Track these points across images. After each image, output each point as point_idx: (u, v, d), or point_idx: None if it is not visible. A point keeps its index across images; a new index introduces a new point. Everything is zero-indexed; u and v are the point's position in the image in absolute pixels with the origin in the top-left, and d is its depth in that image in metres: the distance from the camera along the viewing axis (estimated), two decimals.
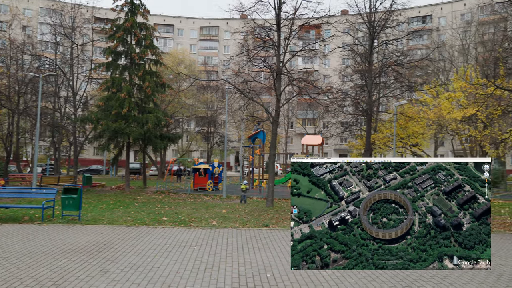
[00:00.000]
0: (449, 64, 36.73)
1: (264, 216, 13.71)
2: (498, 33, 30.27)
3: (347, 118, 26.80)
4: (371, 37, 18.22)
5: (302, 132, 52.93)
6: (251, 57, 16.82)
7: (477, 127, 23.83)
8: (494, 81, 18.42)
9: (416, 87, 24.86)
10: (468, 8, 51.35)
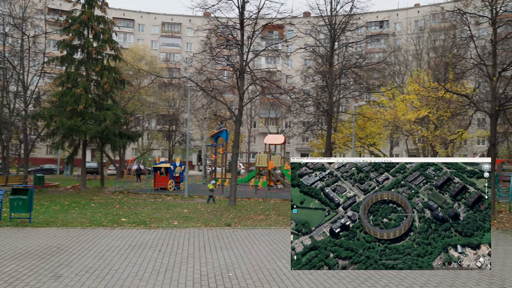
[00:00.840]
0: (404, 68, 38.57)
1: (226, 216, 13.66)
2: (448, 40, 32.20)
3: (309, 118, 27.34)
4: (332, 39, 18.69)
5: (265, 132, 53.34)
6: (214, 55, 16.68)
7: (428, 128, 25.19)
8: (444, 85, 19.55)
9: (374, 89, 25.87)
10: (422, 15, 54.23)
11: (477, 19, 18.07)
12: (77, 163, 35.76)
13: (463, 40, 19.00)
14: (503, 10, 16.08)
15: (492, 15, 15.48)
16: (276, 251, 8.44)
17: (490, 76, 15.21)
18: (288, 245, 8.96)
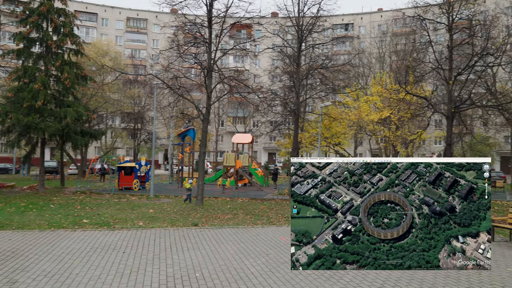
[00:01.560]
0: (367, 70, 39.86)
1: (193, 215, 13.52)
2: (409, 44, 33.63)
3: (276, 118, 27.62)
4: (299, 40, 18.97)
5: (232, 131, 53.25)
6: (181, 52, 16.42)
7: (390, 129, 26.21)
8: (405, 87, 20.42)
9: (339, 89, 26.54)
10: (384, 19, 56.25)
11: (435, 25, 19.03)
12: (35, 162, 34.01)
13: (422, 45, 19.94)
14: (459, 18, 17.04)
15: (449, 22, 16.35)
16: (244, 250, 8.46)
17: (446, 80, 16.06)
18: (256, 243, 9.02)
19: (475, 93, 20.73)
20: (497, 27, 24.57)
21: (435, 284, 6.29)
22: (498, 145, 46.67)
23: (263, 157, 61.33)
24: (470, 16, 17.62)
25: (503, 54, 21.03)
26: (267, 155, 62.47)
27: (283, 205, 16.90)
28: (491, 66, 19.05)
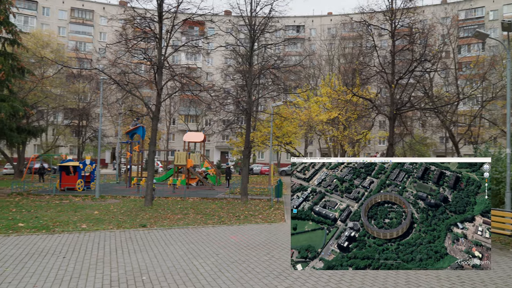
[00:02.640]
0: (318, 71, 41.13)
1: (141, 216, 13.08)
2: (356, 48, 35.20)
3: (229, 116, 27.55)
4: (252, 40, 19.07)
5: (184, 129, 52.33)
6: (129, 47, 15.79)
7: (338, 129, 27.26)
8: (352, 89, 21.33)
9: (291, 90, 27.10)
10: (334, 23, 58.36)
11: (380, 31, 20.09)
12: None
13: (368, 49, 20.97)
14: (400, 25, 18.13)
15: (392, 28, 17.33)
16: (194, 250, 8.34)
17: (389, 83, 17.00)
18: (207, 244, 8.93)
19: (414, 96, 22.20)
20: (433, 36, 26.51)
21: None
22: (434, 145, 50.38)
23: (216, 156, 60.96)
24: (410, 24, 18.83)
25: (439, 61, 22.73)
26: (220, 154, 62.17)
27: (235, 204, 16.91)
28: (428, 72, 20.49)
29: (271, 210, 15.20)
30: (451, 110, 27.15)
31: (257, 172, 46.39)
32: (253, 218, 13.11)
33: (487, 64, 29.99)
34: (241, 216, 13.59)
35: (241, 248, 8.60)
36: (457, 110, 30.35)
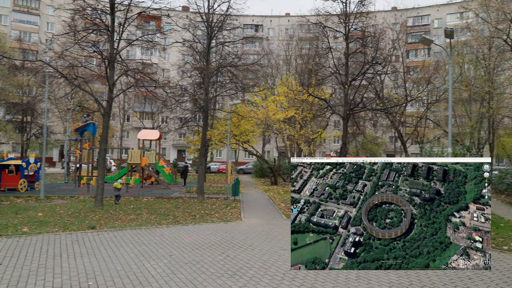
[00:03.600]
0: (275, 71, 41.58)
1: (91, 217, 12.43)
2: (312, 49, 36.00)
3: (185, 114, 27.03)
4: (209, 37, 18.82)
5: (139, 126, 50.64)
6: (79, 39, 14.92)
7: (295, 127, 27.73)
8: (308, 89, 21.77)
9: (248, 88, 27.15)
10: (291, 24, 59.32)
11: (335, 34, 20.67)
12: None
13: (324, 51, 21.49)
14: (354, 28, 18.77)
15: (346, 31, 17.88)
16: (146, 252, 8.05)
17: (343, 84, 17.54)
18: (160, 245, 8.65)
19: (366, 98, 23.11)
20: (384, 40, 27.76)
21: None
22: (384, 144, 52.87)
23: (172, 154, 59.71)
24: (363, 28, 19.55)
25: (389, 64, 23.84)
26: (176, 152, 60.98)
27: (191, 203, 16.62)
28: (379, 74, 21.41)
29: (228, 209, 15.12)
30: (400, 111, 28.61)
31: (215, 171, 46.05)
32: (209, 217, 12.96)
33: (432, 68, 31.96)
34: (197, 215, 13.38)
35: (196, 248, 8.44)
36: (405, 111, 32.05)
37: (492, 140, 30.58)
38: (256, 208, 15.86)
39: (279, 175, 32.21)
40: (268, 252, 8.18)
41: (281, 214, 14.13)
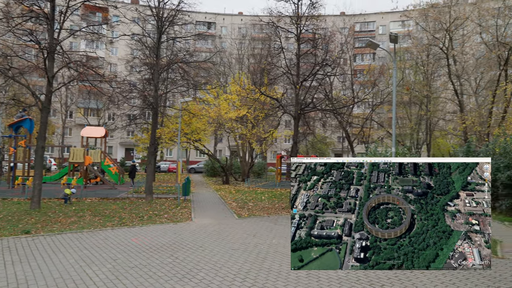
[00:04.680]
0: (228, 69, 41.36)
1: (26, 221, 11.42)
2: (264, 49, 36.28)
3: (134, 111, 25.97)
4: (159, 31, 18.15)
5: (84, 123, 47.88)
6: (13, 27, 13.63)
7: (247, 127, 27.75)
8: (260, 88, 21.86)
9: (200, 86, 26.68)
10: (244, 23, 59.40)
11: (287, 34, 20.94)
12: None
13: (276, 51, 21.69)
14: (305, 30, 19.13)
15: (297, 32, 18.18)
16: (87, 257, 7.52)
17: (294, 84, 17.81)
18: (104, 248, 8.12)
19: (316, 98, 23.71)
20: (334, 43, 28.69)
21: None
22: (333, 144, 54.83)
23: (120, 153, 57.21)
24: (314, 30, 20.00)
25: (338, 66, 24.66)
26: (124, 151, 58.52)
27: (139, 204, 15.94)
28: (329, 76, 22.06)
29: (178, 209, 14.70)
30: (348, 112, 29.75)
31: (165, 170, 44.84)
32: (158, 218, 12.49)
33: (377, 72, 33.63)
34: (144, 216, 12.83)
35: (143, 251, 8.05)
36: (352, 112, 33.44)
37: (429, 141, 32.88)
38: (207, 207, 15.60)
39: (231, 174, 32.08)
40: (219, 253, 8.02)
41: (233, 214, 14.01)
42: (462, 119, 24.54)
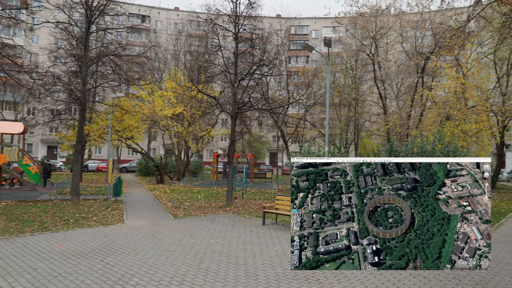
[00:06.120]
0: (163, 65, 40.06)
1: None
2: (202, 46, 35.80)
3: (58, 106, 23.89)
4: (88, 21, 16.91)
5: None
6: None
7: (183, 124, 27.13)
8: (197, 86, 21.50)
9: (133, 81, 25.46)
10: (180, 18, 58.03)
11: (225, 32, 20.84)
12: None
13: (214, 48, 21.51)
14: (243, 29, 19.22)
15: (236, 31, 18.19)
16: (1, 267, 6.71)
17: (232, 83, 17.80)
18: (21, 257, 7.34)
19: (253, 97, 24.00)
20: (270, 44, 29.29)
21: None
22: (268, 143, 56.02)
23: (41, 151, 52.43)
24: (252, 30, 20.18)
25: (274, 67, 25.21)
26: (46, 149, 53.77)
27: (63, 207, 14.71)
28: (265, 76, 22.42)
29: (108, 211, 13.85)
30: (283, 112, 30.60)
31: (94, 169, 42.10)
32: (86, 221, 11.64)
33: (311, 74, 35.08)
34: (70, 220, 11.88)
35: (68, 258, 7.42)
36: (288, 112, 34.46)
37: (357, 140, 35.15)
38: (141, 208, 14.93)
39: (165, 173, 31.15)
40: (154, 256, 7.70)
41: (168, 214, 13.59)
42: (385, 121, 26.63)
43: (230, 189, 16.63)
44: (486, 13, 13.45)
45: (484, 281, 6.35)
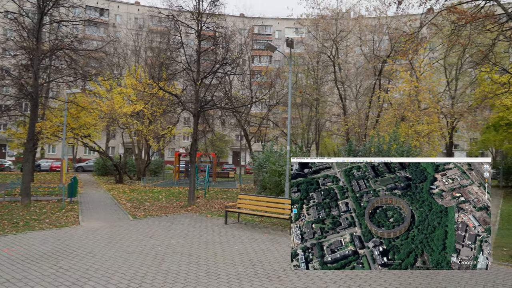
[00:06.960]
0: (123, 61, 38.76)
1: None
2: (163, 43, 35.04)
3: (6, 101, 22.42)
4: (41, 12, 15.99)
5: None
6: None
7: (144, 123, 26.42)
8: (158, 83, 21.02)
9: (91, 77, 24.43)
10: (141, 13, 56.40)
11: (187, 30, 20.53)
12: None
13: (176, 45, 21.12)
14: (206, 27, 19.03)
15: (198, 28, 17.99)
16: None
17: (194, 81, 17.59)
18: None
19: (216, 96, 23.82)
20: (234, 43, 29.24)
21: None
22: (231, 142, 55.92)
23: None
24: (215, 28, 20.02)
25: (238, 66, 25.20)
26: None
27: (12, 209, 13.83)
28: (228, 74, 22.35)
29: (62, 213, 13.20)
30: (246, 111, 30.66)
31: (47, 169, 39.92)
32: (37, 224, 11.02)
33: (274, 74, 35.42)
34: (20, 222, 11.19)
35: (17, 263, 6.99)
36: (250, 111, 34.59)
37: (318, 140, 35.99)
38: (98, 209, 14.37)
39: (125, 172, 30.20)
40: (112, 258, 7.44)
41: (127, 215, 13.18)
42: (344, 121, 27.49)
43: (192, 189, 16.43)
44: (437, 21, 14.26)
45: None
